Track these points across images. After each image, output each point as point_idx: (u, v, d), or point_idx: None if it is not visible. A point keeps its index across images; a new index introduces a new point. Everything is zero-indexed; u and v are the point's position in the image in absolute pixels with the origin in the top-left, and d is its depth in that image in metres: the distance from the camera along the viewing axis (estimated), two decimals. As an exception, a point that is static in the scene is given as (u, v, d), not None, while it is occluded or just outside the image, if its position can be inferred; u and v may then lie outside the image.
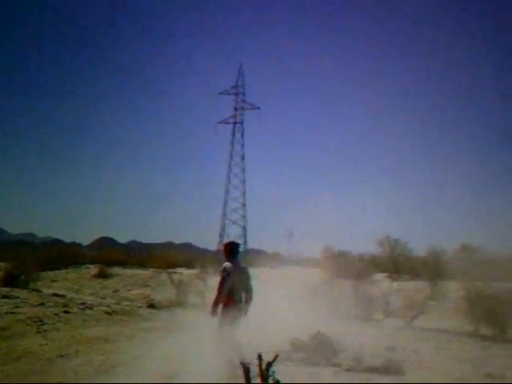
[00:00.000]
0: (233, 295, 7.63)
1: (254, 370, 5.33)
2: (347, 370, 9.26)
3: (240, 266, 8.05)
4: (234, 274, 7.67)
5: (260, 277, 31.45)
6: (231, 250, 8.10)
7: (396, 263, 32.69)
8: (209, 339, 7.94)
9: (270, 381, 5.12)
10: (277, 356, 5.19)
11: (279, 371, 6.37)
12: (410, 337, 15.63)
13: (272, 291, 27.66)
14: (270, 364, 5.14)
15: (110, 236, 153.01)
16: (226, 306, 7.59)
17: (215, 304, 7.66)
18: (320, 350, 9.83)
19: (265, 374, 5.08)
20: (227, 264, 7.79)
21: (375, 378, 8.59)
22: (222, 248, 8.35)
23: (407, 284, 26.56)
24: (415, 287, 21.63)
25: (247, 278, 8.01)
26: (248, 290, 7.94)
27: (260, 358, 5.15)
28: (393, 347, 12.39)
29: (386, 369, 9.10)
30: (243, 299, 7.87)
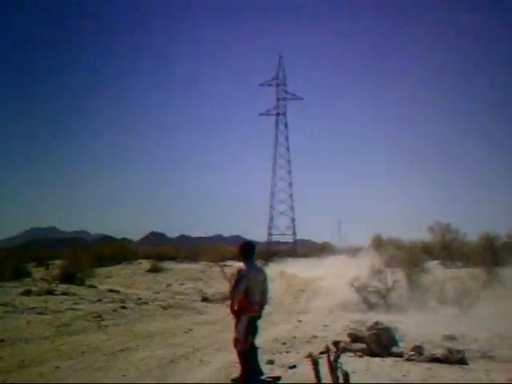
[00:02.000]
0: (249, 298, 7.47)
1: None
2: (407, 359, 9.16)
3: (256, 267, 7.89)
4: (249, 276, 7.49)
5: (309, 269, 31.51)
6: (247, 251, 7.77)
7: (448, 250, 32.11)
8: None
9: (339, 372, 5.11)
10: (344, 349, 5.18)
11: (341, 361, 6.37)
12: (468, 325, 15.31)
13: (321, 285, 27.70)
14: (338, 356, 5.14)
15: (160, 231, 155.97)
16: (242, 308, 7.44)
17: (232, 306, 7.53)
18: (379, 341, 9.75)
19: (333, 365, 5.07)
20: (242, 265, 7.61)
21: (437, 367, 8.46)
22: (238, 248, 7.97)
23: (461, 271, 26.08)
24: (470, 274, 21.23)
25: (264, 279, 7.79)
26: (264, 293, 7.74)
27: (328, 349, 5.16)
28: (452, 336, 12.17)
29: (448, 358, 8.95)
30: (258, 301, 7.63)
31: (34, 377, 8.15)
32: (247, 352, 7.43)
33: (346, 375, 5.16)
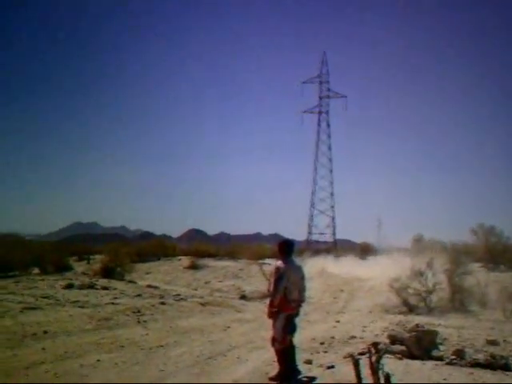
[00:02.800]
0: (287, 296, 7.41)
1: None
2: (448, 363, 8.97)
3: (295, 265, 7.77)
4: (288, 275, 7.44)
5: (348, 269, 31.24)
6: (286, 249, 7.72)
7: (492, 252, 31.43)
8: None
9: (380, 374, 5.03)
10: (385, 349, 5.10)
11: (383, 363, 6.27)
12: (511, 330, 14.96)
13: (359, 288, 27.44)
14: (380, 357, 5.06)
15: (199, 228, 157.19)
16: (281, 307, 7.39)
17: (271, 306, 7.48)
18: (419, 343, 9.58)
19: (375, 366, 5.00)
20: (280, 264, 7.55)
21: (479, 373, 8.25)
22: (277, 246, 7.90)
23: (504, 275, 25.49)
24: (514, 277, 20.69)
25: (302, 277, 7.74)
26: (301, 290, 7.67)
27: (370, 351, 5.08)
28: (494, 341, 11.87)
29: (491, 364, 8.72)
30: (296, 299, 7.57)
31: (76, 368, 8.31)
32: (285, 351, 7.40)
33: (388, 377, 5.08)
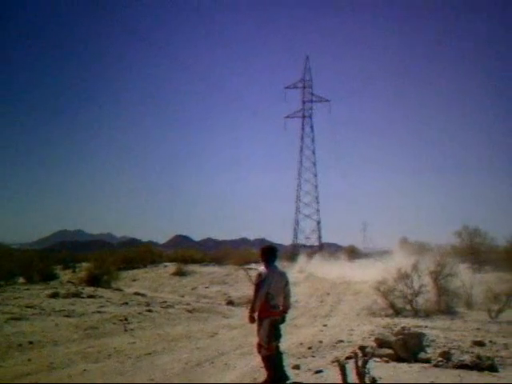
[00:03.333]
0: (269, 302, 7.38)
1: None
2: (435, 365, 9.02)
3: (278, 271, 7.66)
4: (269, 280, 7.41)
5: (334, 273, 31.29)
6: (268, 255, 7.60)
7: (477, 254, 31.68)
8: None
9: (366, 379, 5.06)
10: (372, 353, 5.13)
11: (369, 367, 6.30)
12: (497, 331, 15.07)
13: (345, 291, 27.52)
14: (366, 361, 5.08)
15: (185, 234, 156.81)
16: (261, 312, 7.36)
17: (252, 311, 7.45)
18: (406, 346, 9.62)
19: (361, 371, 5.02)
20: (262, 269, 7.51)
21: (466, 375, 8.30)
22: (260, 252, 7.76)
23: (490, 276, 25.68)
24: (498, 279, 20.85)
25: (286, 284, 7.62)
26: (286, 297, 7.62)
27: (356, 355, 5.10)
28: (481, 342, 11.97)
29: (477, 365, 8.78)
30: (280, 305, 7.53)
31: (63, 379, 8.25)
32: (272, 357, 7.39)
33: (374, 380, 5.11)
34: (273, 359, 7.39)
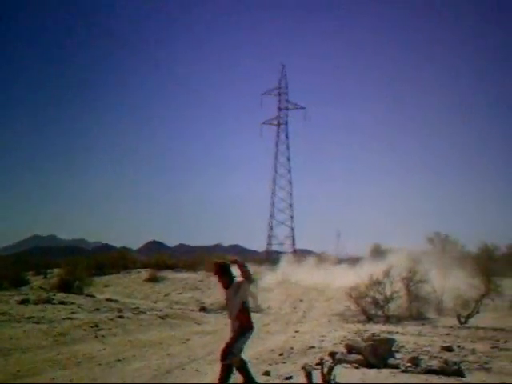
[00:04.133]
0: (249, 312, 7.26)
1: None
2: (403, 371, 9.13)
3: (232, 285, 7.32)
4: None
5: (307, 279, 31.38)
6: (219, 272, 7.30)
7: (447, 260, 32.02)
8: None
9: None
10: (338, 360, 5.18)
11: (335, 373, 6.36)
12: (466, 336, 15.32)
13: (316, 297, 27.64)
14: (331, 368, 5.13)
15: (159, 240, 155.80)
16: (248, 323, 7.19)
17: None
18: (375, 352, 9.71)
19: (326, 377, 5.07)
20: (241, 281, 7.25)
21: (433, 379, 8.43)
22: (219, 269, 7.34)
23: (460, 282, 26.04)
24: (468, 285, 21.16)
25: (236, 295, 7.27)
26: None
27: (322, 362, 5.15)
28: (449, 347, 12.17)
29: (444, 370, 8.92)
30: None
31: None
32: (230, 367, 7.18)
33: (339, 387, 5.16)
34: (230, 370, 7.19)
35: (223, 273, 7.27)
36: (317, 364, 8.85)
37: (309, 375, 5.19)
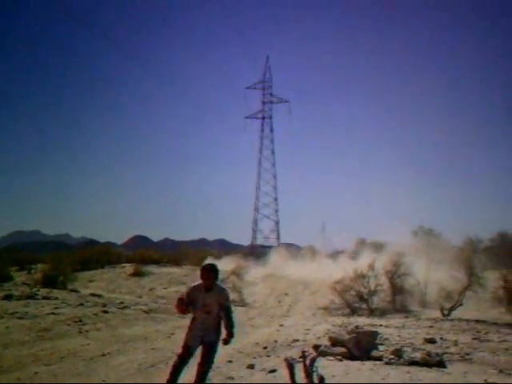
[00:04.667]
0: None
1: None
2: (387, 363, 9.21)
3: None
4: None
5: (292, 273, 31.50)
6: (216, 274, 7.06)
7: (431, 253, 32.28)
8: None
9: (314, 377, 5.13)
10: (320, 353, 5.21)
11: (319, 366, 6.40)
12: (449, 328, 15.49)
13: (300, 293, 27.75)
14: (313, 360, 5.16)
15: (144, 234, 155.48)
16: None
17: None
18: (359, 344, 9.79)
19: (309, 370, 5.09)
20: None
21: (415, 371, 8.53)
22: (207, 272, 7.04)
23: (443, 275, 26.29)
24: (452, 278, 21.38)
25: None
26: None
27: (304, 354, 5.17)
28: (432, 339, 12.30)
29: (427, 362, 9.02)
30: None
31: (12, 382, 8.08)
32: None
33: (322, 379, 5.19)
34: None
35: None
36: (301, 357, 8.91)
37: (291, 367, 5.20)
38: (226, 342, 6.82)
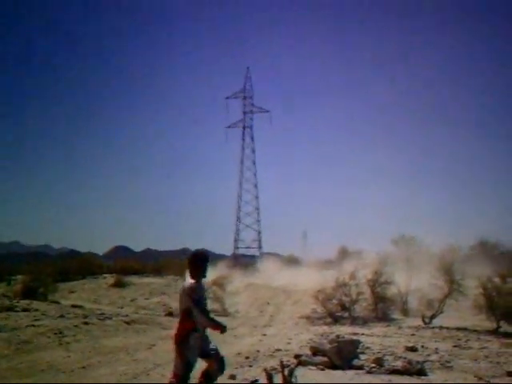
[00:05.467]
0: None
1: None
2: (368, 372, 9.26)
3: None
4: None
5: (274, 282, 31.48)
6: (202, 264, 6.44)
7: (412, 261, 32.49)
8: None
9: (293, 386, 5.14)
10: (299, 362, 5.22)
11: (300, 375, 6.42)
12: (430, 336, 15.60)
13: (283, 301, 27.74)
14: (292, 370, 5.17)
15: (125, 245, 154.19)
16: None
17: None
18: (340, 353, 9.82)
19: (288, 379, 5.11)
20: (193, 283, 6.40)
21: (397, 379, 8.58)
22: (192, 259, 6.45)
23: (424, 283, 26.47)
24: (432, 286, 21.53)
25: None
26: None
27: (282, 364, 5.18)
28: (413, 347, 12.39)
29: (407, 370, 9.09)
30: None
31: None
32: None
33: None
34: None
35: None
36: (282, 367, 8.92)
37: (270, 378, 5.21)
38: None
